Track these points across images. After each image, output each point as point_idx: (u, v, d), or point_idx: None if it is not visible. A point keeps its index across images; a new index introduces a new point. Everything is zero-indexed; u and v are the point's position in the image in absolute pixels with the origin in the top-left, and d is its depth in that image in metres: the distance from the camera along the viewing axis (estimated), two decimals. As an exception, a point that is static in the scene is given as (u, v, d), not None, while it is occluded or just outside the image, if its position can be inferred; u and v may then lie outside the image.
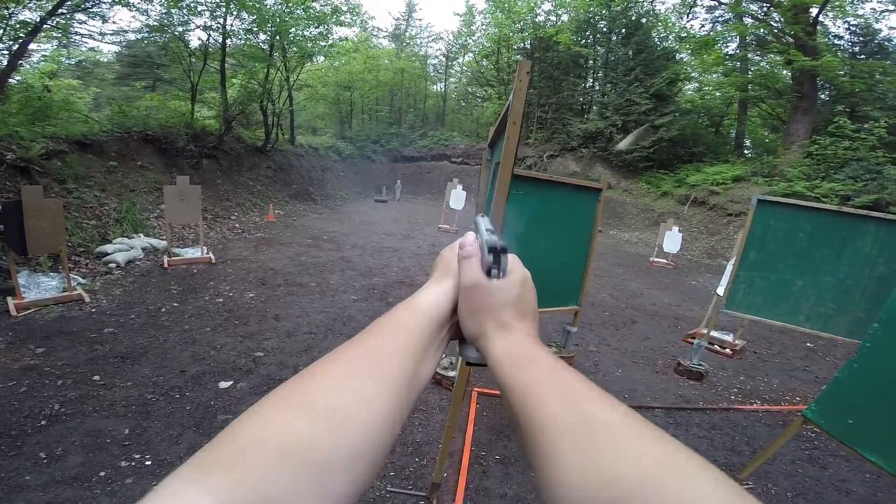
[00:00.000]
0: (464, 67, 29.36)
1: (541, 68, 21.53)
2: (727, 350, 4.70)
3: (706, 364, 4.25)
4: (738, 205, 14.09)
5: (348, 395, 0.32)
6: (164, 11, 11.18)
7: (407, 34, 30.94)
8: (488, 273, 0.43)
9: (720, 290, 4.80)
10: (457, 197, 11.03)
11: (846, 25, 15.96)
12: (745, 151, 19.65)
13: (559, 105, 21.24)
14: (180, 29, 11.79)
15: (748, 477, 2.56)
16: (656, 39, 19.71)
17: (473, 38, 26.63)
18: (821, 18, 15.03)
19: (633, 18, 19.37)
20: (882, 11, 15.33)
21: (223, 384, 3.28)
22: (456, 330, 0.46)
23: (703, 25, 19.40)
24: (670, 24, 20.06)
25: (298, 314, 4.81)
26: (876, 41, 15.77)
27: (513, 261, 0.46)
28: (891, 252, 3.05)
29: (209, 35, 12.25)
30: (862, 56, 15.50)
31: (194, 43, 12.93)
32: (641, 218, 16.06)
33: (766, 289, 3.48)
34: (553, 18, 22.39)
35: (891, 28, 18.51)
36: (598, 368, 4.22)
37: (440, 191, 17.84)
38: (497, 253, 0.43)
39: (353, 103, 26.41)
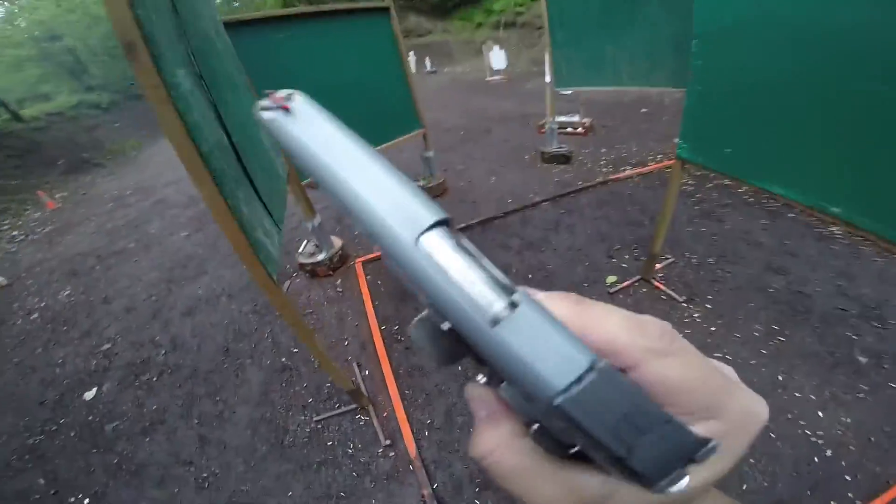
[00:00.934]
0: None
1: None
2: (579, 130, 4.90)
3: (567, 146, 4.39)
4: (540, 18, 14.49)
5: None
6: None
7: None
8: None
9: (548, 78, 4.81)
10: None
11: None
12: None
13: None
14: None
15: (663, 251, 2.45)
16: None
17: None
18: None
19: None
20: None
21: (88, 395, 2.77)
22: None
23: None
24: None
25: (128, 284, 3.94)
26: None
27: None
28: (677, 14, 3.03)
29: None
30: None
31: None
32: (467, 50, 16.24)
33: (584, 60, 3.49)
34: None
35: None
36: (472, 184, 4.17)
37: None
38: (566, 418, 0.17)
39: (76, 50, 20.24)
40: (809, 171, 1.58)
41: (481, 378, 0.22)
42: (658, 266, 2.54)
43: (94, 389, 2.79)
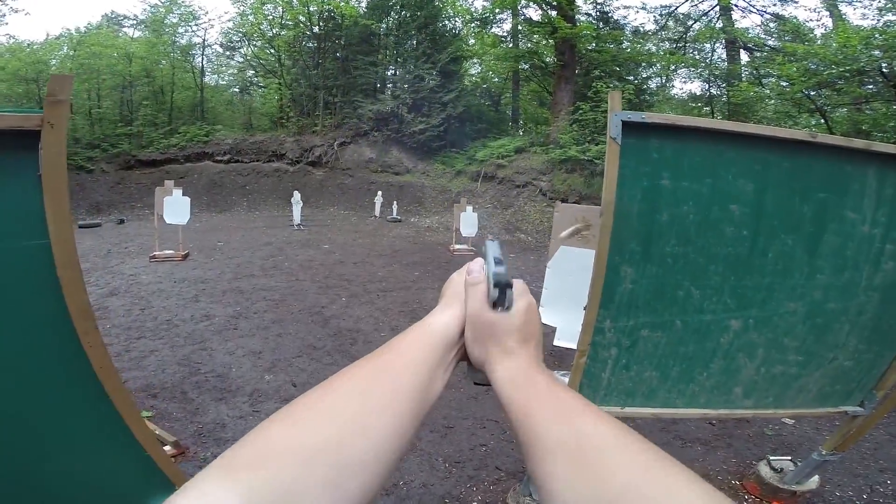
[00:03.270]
0: (248, 58, 24.30)
1: (327, 47, 19.56)
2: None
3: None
4: (522, 175, 14.25)
5: (368, 402, 0.35)
6: None
7: (166, 21, 23.58)
8: (493, 305, 0.45)
9: (542, 316, 2.85)
10: (173, 206, 7.30)
11: (593, 4, 17.41)
12: (520, 129, 20.87)
13: (349, 87, 19.15)
14: None
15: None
16: (445, 18, 19.51)
17: (261, 25, 21.86)
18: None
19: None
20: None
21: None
22: (464, 352, 0.47)
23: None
24: (457, 6, 19.61)
25: None
26: (612, 20, 17.65)
27: (519, 287, 0.47)
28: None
29: None
30: (606, 28, 17.13)
31: None
32: (440, 200, 15.19)
33: (666, 349, 1.43)
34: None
35: (624, 7, 21.42)
36: None
37: (198, 197, 13.70)
38: (503, 288, 0.45)
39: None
40: None
41: (481, 269, 0.48)
42: None
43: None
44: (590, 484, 0.29)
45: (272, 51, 21.93)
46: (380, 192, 14.45)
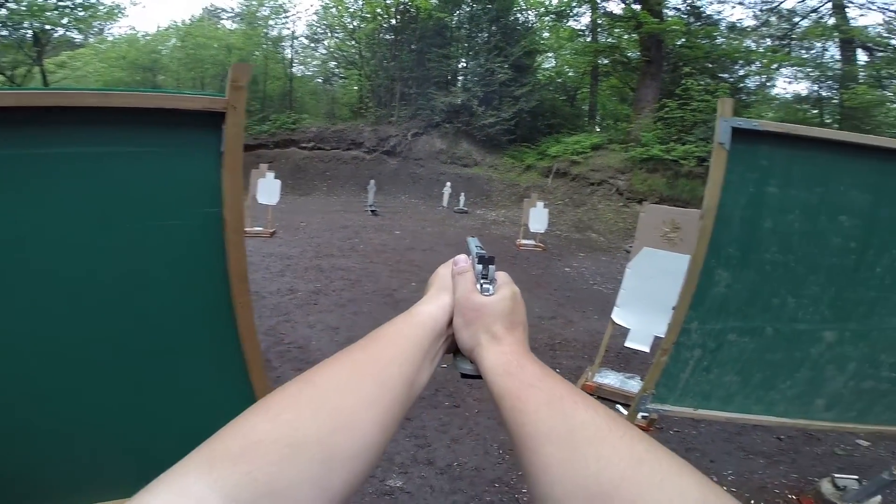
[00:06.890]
0: (331, 49, 25.75)
1: (403, 39, 19.98)
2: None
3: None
4: (598, 173, 13.88)
5: (353, 396, 0.34)
6: None
7: (259, 14, 25.74)
8: (480, 287, 0.48)
9: (617, 316, 2.84)
10: (265, 187, 7.98)
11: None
12: (597, 125, 20.19)
13: (423, 79, 19.59)
14: None
15: None
16: (517, 11, 19.43)
17: (343, 18, 23.12)
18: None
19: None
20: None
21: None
22: (451, 344, 0.48)
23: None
24: (530, -1, 19.38)
25: None
26: (704, 15, 16.46)
27: (503, 277, 0.50)
28: None
29: None
30: (698, 23, 16.03)
31: None
32: (508, 194, 15.13)
33: (752, 355, 1.44)
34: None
35: (718, 1, 19.78)
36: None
37: (284, 180, 14.71)
38: (485, 261, 0.49)
39: (160, 88, 21.16)
40: None
41: (467, 259, 0.52)
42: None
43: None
44: (582, 474, 0.29)
45: (353, 43, 22.81)
46: (448, 183, 14.68)
